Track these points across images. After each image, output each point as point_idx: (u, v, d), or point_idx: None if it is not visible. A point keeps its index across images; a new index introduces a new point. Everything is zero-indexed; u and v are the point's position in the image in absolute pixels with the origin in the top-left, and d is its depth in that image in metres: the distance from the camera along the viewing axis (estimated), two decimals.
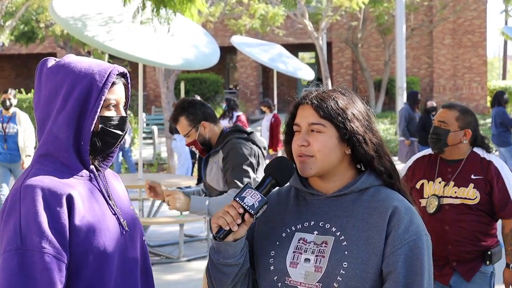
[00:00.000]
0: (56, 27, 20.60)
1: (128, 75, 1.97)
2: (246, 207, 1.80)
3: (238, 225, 1.80)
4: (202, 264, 7.13)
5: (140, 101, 8.03)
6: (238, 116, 12.55)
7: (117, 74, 1.91)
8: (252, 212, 1.80)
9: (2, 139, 8.71)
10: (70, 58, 1.90)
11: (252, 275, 1.98)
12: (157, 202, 8.39)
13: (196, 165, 13.06)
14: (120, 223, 1.91)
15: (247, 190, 1.82)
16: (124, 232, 1.91)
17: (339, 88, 1.97)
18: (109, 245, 1.83)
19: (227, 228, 1.80)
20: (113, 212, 1.91)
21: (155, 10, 6.95)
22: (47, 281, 1.69)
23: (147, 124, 21.01)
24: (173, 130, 12.72)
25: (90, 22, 7.37)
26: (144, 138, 16.84)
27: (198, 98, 8.66)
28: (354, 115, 1.89)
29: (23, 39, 22.37)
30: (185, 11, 6.96)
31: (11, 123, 8.73)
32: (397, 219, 1.83)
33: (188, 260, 7.29)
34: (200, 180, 15.55)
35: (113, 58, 24.48)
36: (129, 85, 1.97)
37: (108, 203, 1.91)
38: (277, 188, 1.97)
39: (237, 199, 1.81)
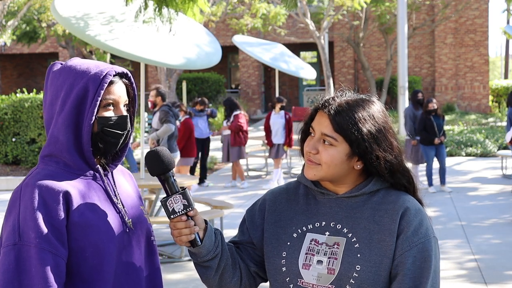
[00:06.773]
0: (58, 27, 20.62)
1: (129, 75, 1.97)
2: (183, 212, 1.86)
3: (195, 225, 1.88)
4: None
5: (142, 101, 8.04)
6: (235, 116, 12.12)
7: (117, 74, 1.92)
8: (190, 209, 1.87)
9: None
10: (72, 62, 1.93)
11: (254, 270, 2.00)
12: (159, 202, 8.37)
13: (198, 164, 13.01)
14: (123, 222, 1.92)
15: (168, 202, 1.87)
16: (127, 230, 1.92)
17: (361, 96, 1.92)
18: (108, 243, 1.85)
19: (193, 236, 1.88)
20: (117, 211, 1.92)
21: (157, 9, 6.96)
22: (41, 275, 1.73)
23: (149, 124, 21.01)
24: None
25: (92, 21, 7.37)
26: (146, 138, 16.84)
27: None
28: (370, 132, 1.85)
29: (25, 39, 22.41)
30: (187, 10, 6.97)
31: None
32: (406, 221, 1.84)
33: (190, 260, 7.25)
34: (201, 179, 15.60)
35: (115, 58, 24.54)
36: (133, 85, 1.97)
37: (112, 202, 1.92)
38: (284, 184, 2.04)
39: (172, 216, 1.87)
